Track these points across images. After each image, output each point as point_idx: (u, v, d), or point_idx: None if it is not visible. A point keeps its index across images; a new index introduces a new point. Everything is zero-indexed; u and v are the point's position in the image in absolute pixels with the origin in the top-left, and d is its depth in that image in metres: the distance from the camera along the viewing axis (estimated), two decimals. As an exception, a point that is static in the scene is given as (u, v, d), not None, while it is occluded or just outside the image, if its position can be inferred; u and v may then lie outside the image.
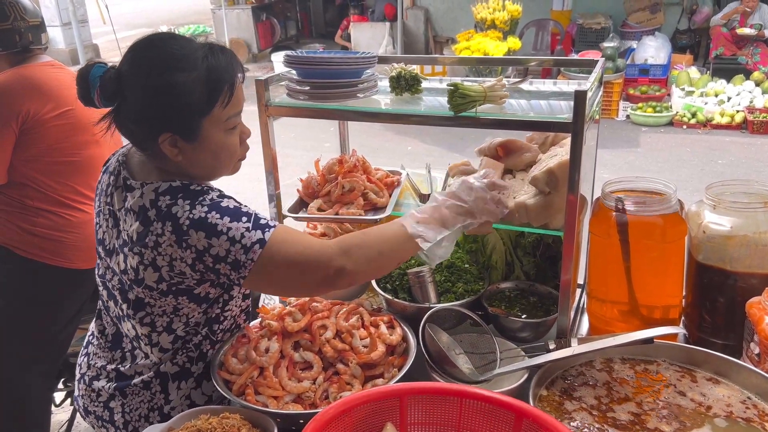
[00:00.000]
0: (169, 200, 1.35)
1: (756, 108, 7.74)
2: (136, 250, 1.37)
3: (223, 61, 1.36)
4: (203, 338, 1.52)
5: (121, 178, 1.46)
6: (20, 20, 2.38)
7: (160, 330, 1.47)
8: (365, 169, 1.81)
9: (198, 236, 1.31)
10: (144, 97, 1.33)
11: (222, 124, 1.38)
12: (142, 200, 1.38)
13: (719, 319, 1.63)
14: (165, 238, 1.33)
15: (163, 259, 1.35)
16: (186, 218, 1.32)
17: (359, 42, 11.31)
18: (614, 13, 9.96)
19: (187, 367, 1.52)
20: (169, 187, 1.38)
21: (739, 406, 1.34)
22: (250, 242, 1.32)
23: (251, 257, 1.32)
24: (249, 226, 1.33)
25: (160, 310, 1.45)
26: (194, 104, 1.33)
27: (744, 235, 1.54)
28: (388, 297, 1.71)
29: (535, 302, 1.74)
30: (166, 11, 21.13)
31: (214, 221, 1.32)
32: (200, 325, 1.51)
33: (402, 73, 1.65)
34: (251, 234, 1.32)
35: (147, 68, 1.33)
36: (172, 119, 1.34)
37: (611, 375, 1.47)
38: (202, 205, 1.34)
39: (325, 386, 1.48)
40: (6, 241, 2.38)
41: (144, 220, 1.36)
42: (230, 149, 1.43)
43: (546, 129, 1.67)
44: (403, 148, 7.26)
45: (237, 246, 1.31)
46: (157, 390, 1.51)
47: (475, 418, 1.23)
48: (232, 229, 1.32)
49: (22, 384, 2.54)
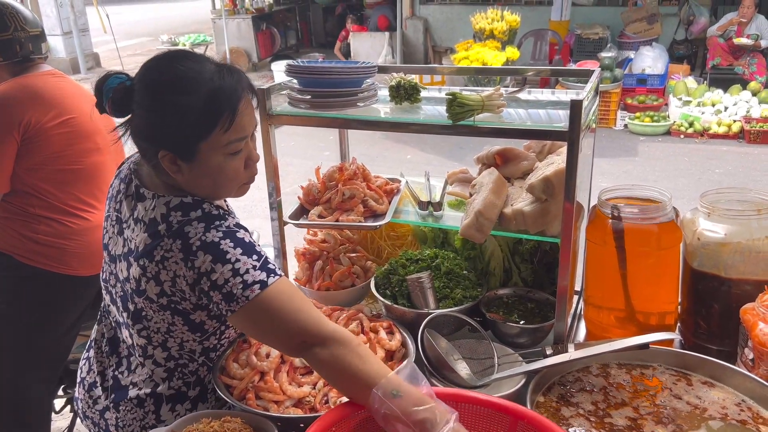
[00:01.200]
0: (180, 217, 1.35)
1: (753, 118, 7.78)
2: (141, 261, 1.36)
3: (228, 86, 1.32)
4: (200, 365, 1.51)
5: (133, 186, 1.46)
6: (20, 30, 2.40)
7: (156, 344, 1.46)
8: (365, 177, 1.84)
9: (204, 258, 1.29)
10: (146, 114, 1.34)
11: (222, 148, 1.34)
12: (153, 213, 1.37)
13: (714, 325, 1.65)
14: (173, 254, 1.32)
15: (167, 273, 1.33)
16: (198, 239, 1.30)
17: (359, 52, 11.37)
18: (612, 24, 10.03)
19: (183, 390, 1.51)
20: (181, 202, 1.37)
21: (734, 409, 1.36)
22: (252, 280, 1.29)
23: (247, 295, 1.28)
24: (257, 265, 1.30)
25: (155, 326, 1.43)
26: (192, 127, 1.31)
27: (738, 242, 1.56)
28: (387, 303, 1.73)
29: (532, 308, 1.76)
30: (166, 20, 21.23)
31: (225, 248, 1.30)
32: (196, 353, 1.49)
33: (401, 83, 1.68)
34: (256, 273, 1.29)
35: (152, 87, 1.34)
36: (170, 139, 1.33)
37: (608, 380, 1.49)
38: (217, 230, 1.32)
39: (325, 391, 1.50)
40: (8, 248, 2.39)
41: (153, 234, 1.35)
42: (229, 174, 1.39)
43: (543, 137, 1.70)
44: (402, 156, 7.29)
45: (237, 279, 1.28)
46: (150, 410, 1.50)
47: (471, 421, 1.25)
48: (240, 261, 1.29)
49: (23, 391, 2.54)
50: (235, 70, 1.37)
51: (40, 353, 2.52)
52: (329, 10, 14.86)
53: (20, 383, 2.52)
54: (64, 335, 2.56)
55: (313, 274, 1.92)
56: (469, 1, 11.21)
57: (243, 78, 1.37)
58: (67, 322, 2.54)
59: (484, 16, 8.53)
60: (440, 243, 1.99)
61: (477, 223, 1.59)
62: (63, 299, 2.49)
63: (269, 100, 1.68)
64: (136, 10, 25.24)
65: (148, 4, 28.81)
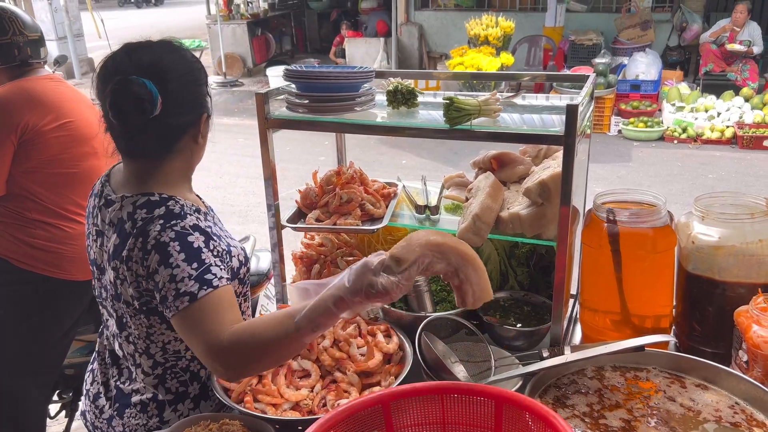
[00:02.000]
0: (145, 214, 1.36)
1: (745, 123, 7.85)
2: (113, 264, 1.39)
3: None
4: (190, 361, 1.51)
5: (103, 196, 1.49)
6: (19, 35, 2.42)
7: (141, 352, 1.48)
8: (362, 181, 1.85)
9: (153, 258, 1.31)
10: (185, 87, 1.41)
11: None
12: (120, 213, 1.40)
13: (709, 328, 1.66)
14: (134, 252, 1.34)
15: (132, 273, 1.35)
16: (153, 238, 1.32)
17: (354, 57, 11.40)
18: (605, 30, 10.10)
19: (182, 390, 1.52)
20: (147, 200, 1.39)
21: (728, 411, 1.37)
22: (184, 290, 1.28)
23: (177, 305, 1.28)
24: (193, 274, 1.29)
25: (136, 332, 1.45)
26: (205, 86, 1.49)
27: (732, 245, 1.58)
28: (384, 306, 1.74)
29: (529, 311, 1.77)
30: (161, 26, 21.23)
31: (171, 251, 1.30)
32: (181, 351, 1.49)
33: (399, 87, 1.69)
34: (189, 283, 1.28)
35: (173, 62, 1.40)
36: (204, 102, 1.47)
37: (602, 382, 1.50)
38: (172, 229, 1.33)
39: (323, 394, 1.51)
40: (4, 252, 2.39)
41: (120, 233, 1.38)
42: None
43: (539, 142, 1.71)
44: (397, 161, 7.31)
45: (172, 285, 1.28)
46: (154, 414, 1.51)
47: (457, 411, 1.26)
48: (179, 268, 1.29)
49: (19, 395, 2.53)
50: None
51: (37, 358, 2.53)
52: (324, 15, 14.90)
53: (17, 388, 2.52)
54: (60, 340, 2.57)
55: (310, 278, 1.93)
56: (464, 8, 11.27)
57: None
58: (63, 326, 2.54)
59: (479, 22, 8.58)
60: (437, 247, 2.00)
61: (474, 226, 1.60)
62: (59, 304, 2.49)
63: (267, 105, 1.69)
64: (131, 15, 25.26)
65: (142, 9, 28.83)
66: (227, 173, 6.88)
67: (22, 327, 2.46)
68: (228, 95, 11.28)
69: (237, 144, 7.91)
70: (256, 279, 2.69)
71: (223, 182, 6.65)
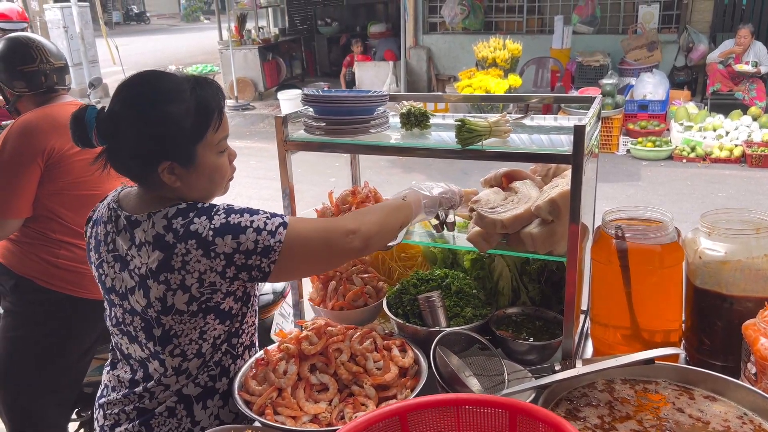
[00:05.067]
0: (182, 221, 1.42)
1: (754, 142, 7.87)
2: (161, 278, 1.42)
3: (209, 91, 1.46)
4: (223, 354, 1.57)
5: (123, 219, 1.49)
6: (46, 63, 2.52)
7: (191, 357, 1.52)
8: (376, 200, 1.91)
9: (225, 240, 1.40)
10: (140, 131, 1.41)
11: (214, 147, 1.48)
12: (154, 230, 1.43)
13: (718, 342, 1.69)
14: (192, 255, 1.40)
15: (192, 276, 1.41)
16: (208, 230, 1.40)
17: (363, 80, 11.55)
18: (612, 51, 10.19)
19: (210, 385, 1.56)
20: (177, 210, 1.44)
21: (736, 422, 1.39)
22: (274, 227, 1.43)
23: (279, 239, 1.42)
24: (268, 215, 1.45)
25: (187, 339, 1.49)
26: (188, 132, 1.43)
27: (738, 260, 1.62)
28: (399, 321, 1.79)
29: (540, 326, 1.81)
30: (173, 51, 21.59)
31: (236, 221, 1.42)
32: (219, 339, 1.55)
33: (412, 110, 1.76)
34: (273, 221, 1.44)
35: (140, 104, 1.43)
36: (169, 148, 1.43)
37: (613, 395, 1.53)
38: (218, 214, 1.43)
39: (341, 407, 1.54)
40: (29, 272, 2.46)
41: (163, 247, 1.41)
42: (222, 170, 1.53)
43: (548, 161, 1.77)
44: (407, 182, 7.37)
45: (264, 234, 1.41)
46: (183, 415, 1.54)
47: (473, 422, 1.29)
48: (255, 222, 1.42)
49: (39, 414, 2.58)
50: (208, 78, 1.51)
51: (58, 376, 2.57)
52: (333, 40, 15.14)
53: (37, 407, 2.56)
54: (81, 358, 2.62)
55: (327, 294, 1.98)
56: (472, 31, 11.41)
57: (216, 84, 1.51)
58: (84, 345, 2.60)
59: (487, 45, 8.70)
60: (450, 264, 2.05)
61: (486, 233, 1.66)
62: (81, 322, 2.55)
63: (286, 128, 1.76)
64: (144, 41, 25.70)
65: (155, 35, 29.33)
66: (240, 195, 6.97)
67: (44, 345, 2.51)
68: (240, 119, 11.44)
69: (249, 166, 8.02)
70: (271, 298, 2.74)
71: (236, 204, 6.73)
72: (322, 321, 1.72)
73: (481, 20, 11.45)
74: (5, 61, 2.49)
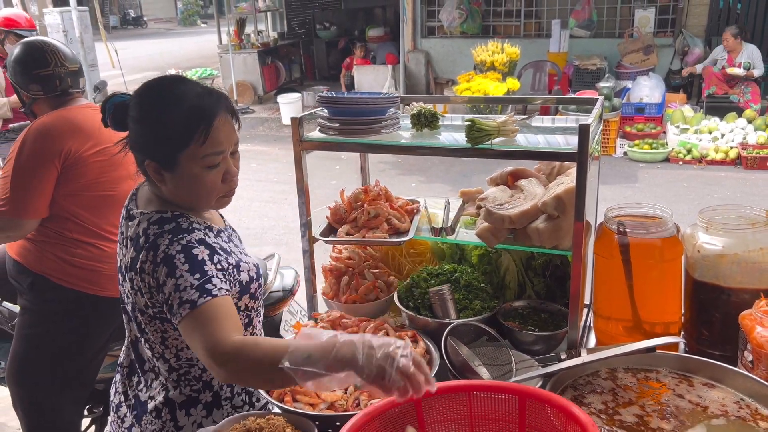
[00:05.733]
0: (156, 230, 1.48)
1: (749, 144, 7.97)
2: (129, 275, 1.51)
3: (206, 104, 1.47)
4: (203, 371, 1.59)
5: (127, 209, 1.61)
6: (60, 66, 2.58)
7: (157, 356, 1.57)
8: (387, 198, 1.98)
9: (161, 270, 1.42)
10: (137, 125, 1.51)
11: (199, 160, 1.47)
12: (138, 228, 1.51)
13: (716, 333, 1.76)
14: (146, 265, 1.44)
15: (145, 285, 1.46)
16: (162, 251, 1.43)
17: (362, 84, 11.62)
18: (609, 55, 10.28)
19: (195, 396, 1.60)
20: (160, 217, 1.51)
21: (733, 406, 1.47)
22: (186, 298, 1.39)
23: (180, 312, 1.39)
24: (195, 284, 1.40)
25: (152, 338, 1.55)
26: (172, 138, 1.46)
27: (735, 253, 1.69)
28: (411, 314, 1.86)
29: (546, 318, 1.89)
30: (172, 55, 21.64)
31: (176, 263, 1.42)
32: (194, 359, 1.57)
33: (422, 111, 1.83)
34: (191, 292, 1.39)
35: (143, 102, 1.51)
36: (153, 148, 1.49)
37: (616, 383, 1.60)
38: (178, 242, 1.45)
39: (356, 395, 1.61)
40: (46, 270, 2.51)
41: (136, 247, 1.49)
42: (206, 185, 1.50)
43: (554, 159, 1.85)
44: (407, 184, 7.45)
45: (176, 295, 1.40)
46: (167, 418, 1.58)
47: (484, 407, 1.37)
48: (182, 278, 1.40)
49: (54, 410, 2.62)
50: (217, 93, 1.54)
51: (73, 373, 2.61)
52: (332, 44, 15.21)
53: (53, 403, 2.60)
54: (95, 355, 2.66)
55: (339, 289, 2.05)
56: (470, 35, 11.50)
57: (222, 99, 1.52)
58: (99, 341, 2.64)
59: (485, 49, 8.78)
60: (457, 259, 2.12)
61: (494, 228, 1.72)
62: (97, 320, 2.60)
63: (302, 128, 1.83)
64: (142, 45, 25.74)
65: (153, 39, 29.37)
66: (241, 197, 7.03)
67: (60, 343, 2.55)
68: (239, 122, 11.47)
69: (250, 169, 8.08)
70: (280, 295, 2.80)
71: (238, 206, 6.78)
72: (336, 313, 1.79)
73: (478, 24, 11.54)
74: (21, 65, 2.55)
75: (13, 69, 2.58)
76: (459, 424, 1.39)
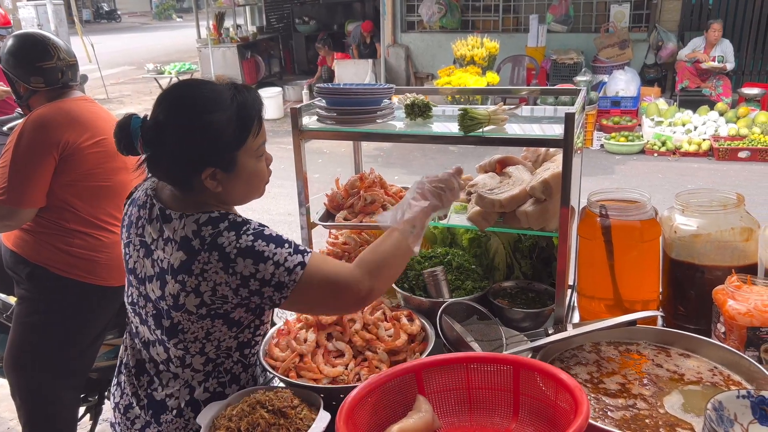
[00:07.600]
0: (211, 230, 1.44)
1: (721, 136, 8.22)
2: (179, 278, 1.45)
3: (249, 98, 1.50)
4: (235, 363, 1.61)
5: (157, 210, 1.54)
6: (61, 60, 2.62)
7: (194, 353, 1.55)
8: (382, 185, 2.07)
9: (245, 263, 1.42)
10: (184, 139, 1.45)
11: (254, 152, 1.52)
12: (183, 231, 1.46)
13: (692, 308, 1.88)
14: (212, 265, 1.42)
15: (207, 285, 1.44)
16: (233, 247, 1.42)
17: (342, 78, 11.67)
18: (585, 49, 10.48)
19: (219, 391, 1.59)
20: (209, 218, 1.46)
21: (708, 374, 1.58)
22: (293, 265, 1.44)
23: (293, 278, 1.44)
24: (291, 251, 1.45)
25: (192, 336, 1.52)
26: (230, 139, 1.46)
27: (708, 233, 1.82)
28: (406, 294, 1.96)
29: (533, 298, 2.00)
30: (148, 49, 21.43)
31: (260, 248, 1.43)
32: (232, 349, 1.58)
33: (415, 101, 1.92)
34: (293, 258, 1.45)
35: (184, 113, 1.46)
36: (213, 156, 1.47)
37: (599, 355, 1.71)
38: (247, 234, 1.44)
39: (357, 370, 1.70)
40: (44, 260, 2.56)
41: (188, 250, 1.44)
42: (261, 174, 1.57)
43: (542, 145, 1.95)
44: (389, 177, 7.54)
45: (281, 269, 1.43)
46: (190, 416, 1.57)
47: (481, 378, 1.47)
48: (276, 254, 1.43)
49: (51, 397, 2.66)
50: (248, 86, 1.56)
51: (71, 361, 2.66)
52: (311, 38, 15.20)
53: (52, 391, 2.65)
54: (92, 343, 2.71)
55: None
56: (449, 29, 11.62)
57: (255, 91, 1.56)
58: (95, 330, 2.69)
59: (465, 43, 8.91)
60: (448, 243, 2.23)
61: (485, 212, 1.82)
62: (93, 308, 2.65)
63: (301, 118, 1.91)
64: (117, 39, 25.43)
65: (127, 33, 29.01)
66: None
67: (58, 331, 2.60)
68: (220, 116, 11.43)
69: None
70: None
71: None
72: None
73: (458, 19, 11.67)
74: (23, 57, 2.57)
75: (12, 61, 2.59)
76: (457, 392, 1.48)
